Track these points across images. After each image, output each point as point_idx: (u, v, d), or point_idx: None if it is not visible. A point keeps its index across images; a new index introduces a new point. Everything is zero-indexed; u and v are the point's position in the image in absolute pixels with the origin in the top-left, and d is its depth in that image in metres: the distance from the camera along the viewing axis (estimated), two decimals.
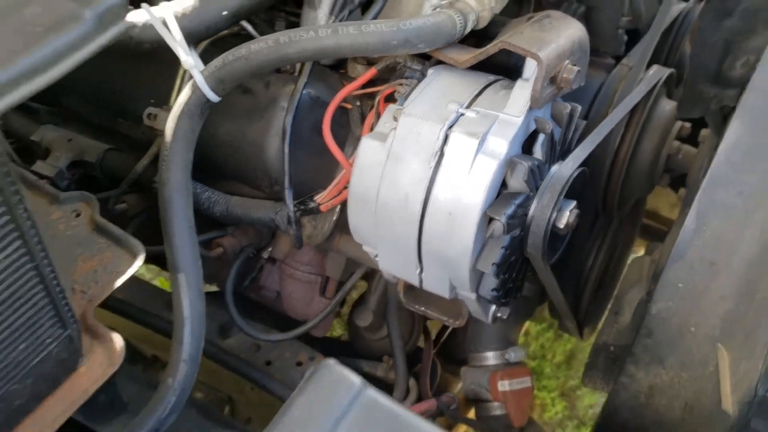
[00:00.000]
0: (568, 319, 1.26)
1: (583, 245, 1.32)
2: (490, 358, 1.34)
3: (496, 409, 1.30)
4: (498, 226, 0.87)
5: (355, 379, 0.54)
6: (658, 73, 1.16)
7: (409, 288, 1.06)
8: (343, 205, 1.09)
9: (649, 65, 1.18)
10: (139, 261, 0.91)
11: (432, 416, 1.26)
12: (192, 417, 1.04)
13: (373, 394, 0.53)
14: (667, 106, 1.20)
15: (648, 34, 1.21)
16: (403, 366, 1.27)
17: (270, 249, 1.26)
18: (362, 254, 1.11)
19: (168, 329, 1.25)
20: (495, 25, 0.99)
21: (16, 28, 0.57)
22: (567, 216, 0.93)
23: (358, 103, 1.08)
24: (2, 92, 0.54)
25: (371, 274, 1.30)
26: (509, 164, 0.87)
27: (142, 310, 1.30)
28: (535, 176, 0.90)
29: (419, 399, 1.27)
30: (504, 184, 0.90)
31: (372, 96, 1.05)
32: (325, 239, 1.13)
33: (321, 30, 0.88)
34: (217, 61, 0.92)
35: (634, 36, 1.26)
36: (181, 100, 0.95)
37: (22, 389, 0.73)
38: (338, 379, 0.54)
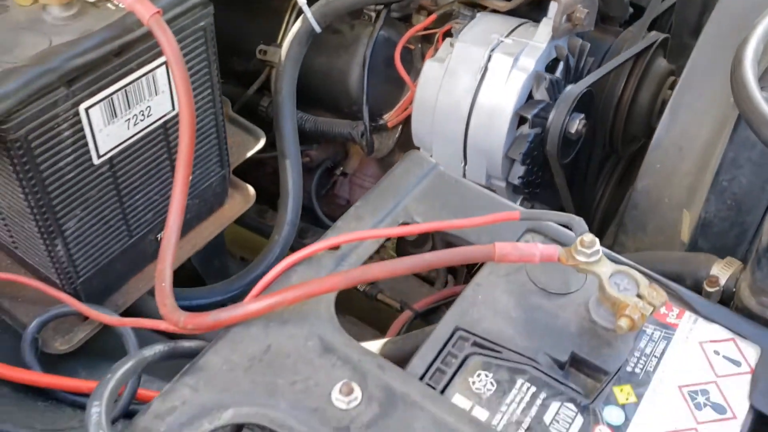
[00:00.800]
0: None
1: (593, 182, 1.63)
2: None
3: None
4: (525, 125, 1.19)
5: (430, 160, 0.85)
6: (656, 36, 1.48)
7: None
8: (405, 123, 1.42)
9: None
10: (261, 143, 1.24)
11: None
12: None
13: (442, 170, 0.85)
14: (663, 63, 1.52)
15: (649, 6, 1.53)
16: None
17: (341, 168, 1.59)
18: None
19: (259, 228, 1.59)
20: None
21: None
22: (577, 123, 1.25)
23: (419, 45, 1.41)
24: None
25: None
26: (535, 77, 1.20)
27: None
28: (554, 89, 1.22)
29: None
30: (530, 96, 1.22)
31: (429, 39, 1.39)
32: (389, 152, 1.46)
33: None
34: (322, 0, 1.27)
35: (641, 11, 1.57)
36: (293, 30, 1.29)
37: (192, 206, 1.06)
38: (417, 160, 0.86)
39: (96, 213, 0.90)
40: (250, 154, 1.22)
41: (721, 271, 0.87)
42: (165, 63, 0.87)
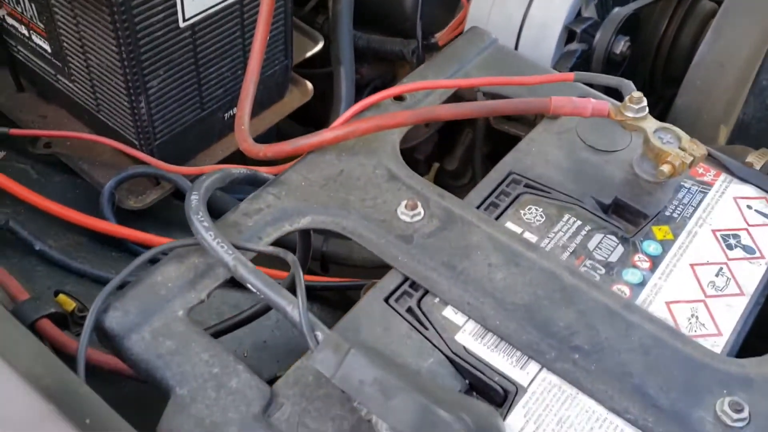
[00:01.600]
0: None
1: None
2: None
3: None
4: (573, 42, 1.25)
5: (491, 35, 0.92)
6: None
7: None
8: None
9: None
10: (320, 45, 1.31)
11: None
12: None
13: (501, 44, 0.91)
14: (708, 4, 1.56)
15: None
16: None
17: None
18: None
19: None
20: None
21: None
22: (621, 45, 1.30)
23: None
24: None
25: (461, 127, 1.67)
26: None
27: None
28: (602, 8, 1.28)
29: None
30: (579, 14, 1.28)
31: None
32: None
33: None
34: None
35: None
36: None
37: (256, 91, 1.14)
38: (479, 33, 0.92)
39: (176, 77, 0.98)
40: (310, 54, 1.29)
41: (756, 159, 0.92)
42: None
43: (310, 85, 1.25)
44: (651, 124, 0.76)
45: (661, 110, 1.73)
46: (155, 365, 0.58)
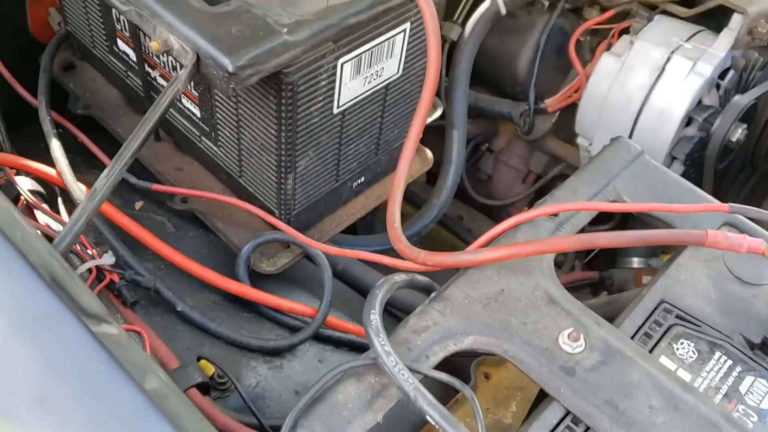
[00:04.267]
0: None
1: (728, 189, 1.68)
2: (635, 262, 1.72)
3: None
4: (693, 126, 1.26)
5: (637, 147, 0.94)
6: None
7: None
8: (563, 110, 1.50)
9: None
10: (439, 111, 1.34)
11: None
12: None
13: (647, 158, 0.93)
14: None
15: None
16: None
17: (488, 144, 1.68)
18: (565, 153, 1.52)
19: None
20: None
21: None
22: (739, 132, 1.30)
23: (588, 37, 1.48)
24: None
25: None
26: (709, 84, 1.26)
27: None
28: (724, 97, 1.28)
29: None
30: (700, 101, 1.29)
31: (597, 33, 1.46)
32: (542, 136, 1.55)
33: None
34: None
35: None
36: (480, 9, 1.38)
37: (383, 161, 1.17)
38: (625, 145, 0.94)
39: (321, 155, 1.02)
40: (430, 120, 1.32)
41: None
42: (404, 30, 0.98)
43: (430, 153, 1.29)
44: None
45: (755, 183, 1.73)
46: None
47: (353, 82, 0.96)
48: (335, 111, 0.98)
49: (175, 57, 0.81)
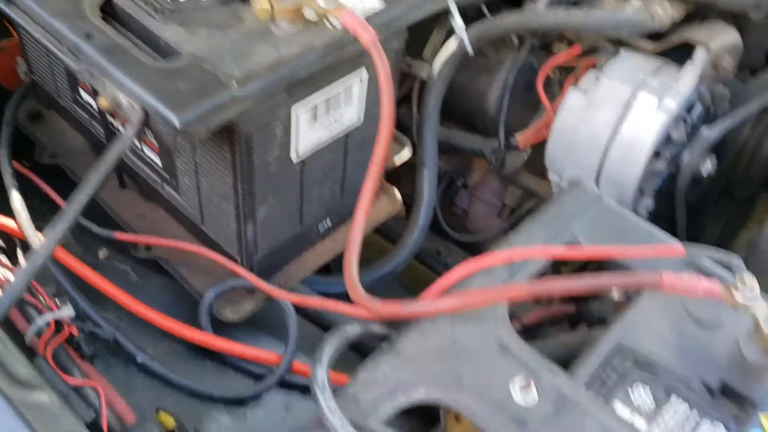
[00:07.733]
0: None
1: (706, 219, 1.67)
2: (614, 293, 1.71)
3: None
4: (661, 161, 1.26)
5: (595, 190, 0.94)
6: None
7: None
8: (533, 146, 1.51)
9: None
10: (407, 151, 1.34)
11: None
12: None
13: (606, 201, 0.93)
14: None
15: None
16: None
17: (462, 179, 1.68)
18: (538, 187, 1.52)
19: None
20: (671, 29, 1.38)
21: None
22: (707, 165, 1.30)
23: (557, 73, 1.49)
24: None
25: None
26: (676, 119, 1.26)
27: None
28: (691, 131, 1.28)
29: None
30: (668, 136, 1.29)
31: (566, 68, 1.46)
32: (514, 171, 1.55)
33: (559, 11, 1.30)
34: (478, 25, 1.36)
35: None
36: (447, 50, 1.39)
37: (351, 204, 1.17)
38: (583, 189, 0.94)
39: (282, 202, 1.02)
40: (399, 162, 1.32)
41: None
42: (360, 78, 0.98)
43: (398, 195, 1.28)
44: (763, 310, 0.77)
45: (733, 209, 1.72)
46: None
47: (311, 131, 0.96)
48: (294, 158, 0.97)
49: (124, 114, 0.81)
